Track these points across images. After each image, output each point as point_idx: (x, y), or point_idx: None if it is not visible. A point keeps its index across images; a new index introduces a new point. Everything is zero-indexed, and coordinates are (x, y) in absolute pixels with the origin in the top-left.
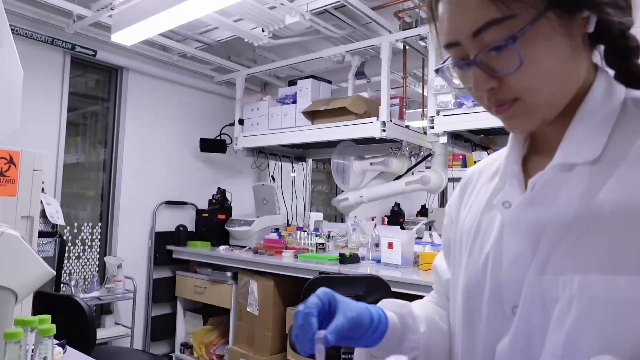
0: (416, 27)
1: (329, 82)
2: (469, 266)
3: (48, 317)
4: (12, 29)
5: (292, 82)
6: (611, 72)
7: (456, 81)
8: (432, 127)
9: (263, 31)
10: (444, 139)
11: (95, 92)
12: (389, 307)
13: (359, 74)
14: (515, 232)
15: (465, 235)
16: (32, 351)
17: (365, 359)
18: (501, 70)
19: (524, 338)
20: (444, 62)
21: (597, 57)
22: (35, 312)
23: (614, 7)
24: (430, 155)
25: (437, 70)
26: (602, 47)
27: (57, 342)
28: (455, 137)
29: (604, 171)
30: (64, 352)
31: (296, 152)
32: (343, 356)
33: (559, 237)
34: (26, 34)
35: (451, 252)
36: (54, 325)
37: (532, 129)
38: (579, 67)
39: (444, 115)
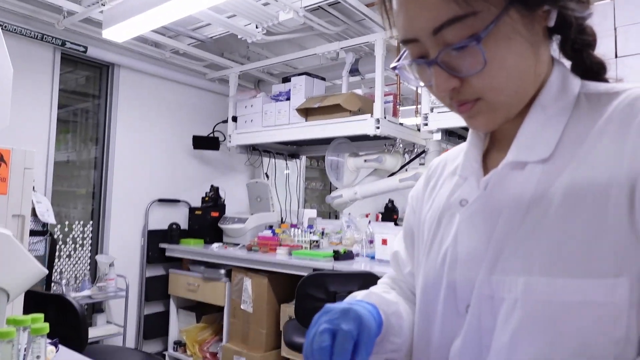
0: (390, 29)
1: (323, 79)
2: (427, 264)
3: (41, 316)
4: (1, 25)
5: (286, 79)
6: (567, 63)
7: (416, 80)
8: (426, 124)
9: (257, 28)
10: (437, 136)
11: (86, 88)
12: (374, 301)
13: (353, 71)
14: (470, 230)
15: (426, 232)
16: (25, 350)
17: None
18: (464, 70)
19: (475, 338)
20: (400, 59)
21: (553, 47)
22: (26, 311)
23: (575, 1)
24: (424, 152)
25: (394, 68)
26: (558, 38)
27: (50, 341)
28: (449, 133)
29: (555, 169)
30: (56, 351)
31: (290, 149)
32: None
33: (508, 236)
34: (15, 30)
35: (414, 247)
36: (47, 324)
37: (495, 127)
38: (540, 63)
39: (438, 112)
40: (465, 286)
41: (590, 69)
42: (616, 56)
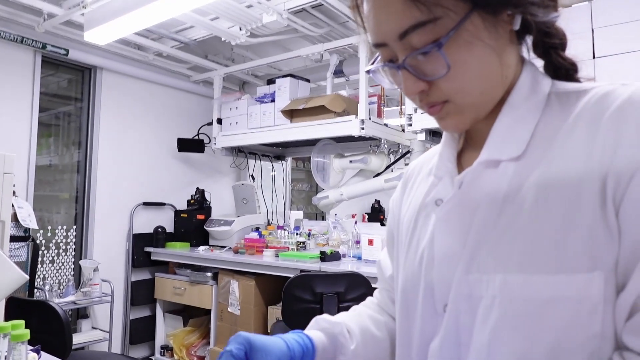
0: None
1: (308, 80)
2: (406, 265)
3: (21, 322)
4: None
5: (271, 81)
6: (538, 63)
7: (390, 82)
8: (410, 125)
9: (240, 30)
10: (421, 136)
11: (67, 92)
12: (321, 326)
13: (338, 73)
14: (446, 230)
15: (404, 233)
16: (5, 358)
17: None
18: (429, 74)
19: (453, 337)
20: (373, 62)
21: (524, 47)
22: (8, 318)
23: (539, 6)
24: (408, 152)
25: (368, 72)
26: (529, 39)
27: (32, 347)
28: (433, 134)
29: (527, 167)
30: (39, 358)
31: (276, 151)
32: None
33: (484, 234)
34: None
35: (394, 249)
36: (27, 331)
37: (465, 128)
38: (507, 65)
39: (422, 113)
40: (442, 286)
41: (561, 68)
42: (594, 57)
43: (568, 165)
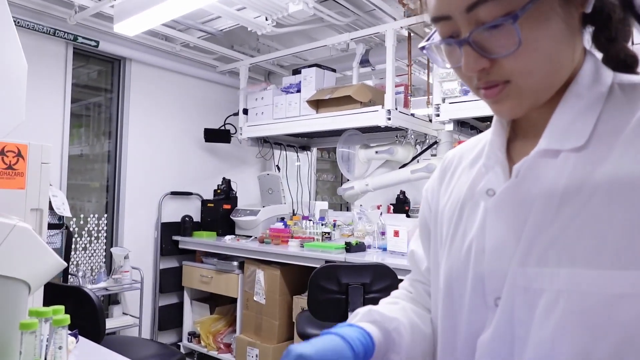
0: (421, 13)
1: (334, 70)
2: (450, 256)
3: (61, 307)
4: (14, 21)
5: (296, 71)
6: (598, 55)
7: (443, 61)
8: (438, 115)
9: (266, 20)
10: (449, 127)
11: (98, 83)
12: (374, 319)
13: (364, 62)
14: (499, 221)
15: (446, 224)
16: (47, 341)
17: None
18: (496, 51)
19: (506, 331)
20: (430, 38)
21: (585, 39)
22: (45, 303)
23: None
24: (435, 143)
25: (422, 48)
26: (591, 29)
27: (70, 332)
28: (461, 124)
29: (593, 159)
30: (76, 342)
31: (301, 142)
32: None
33: (543, 227)
34: (28, 25)
35: (431, 241)
36: (67, 316)
37: (521, 114)
38: (574, 50)
39: (450, 103)
40: (494, 278)
41: (624, 61)
42: None
43: None
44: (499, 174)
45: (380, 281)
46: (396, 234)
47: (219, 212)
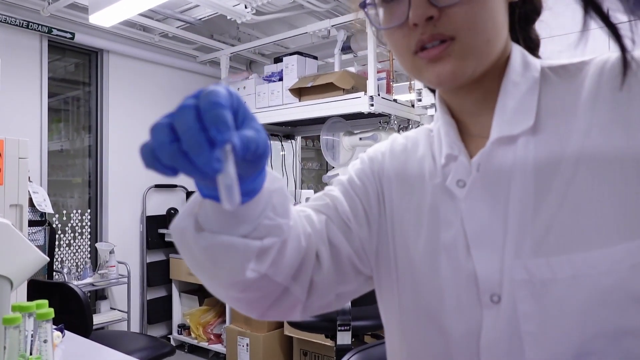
0: None
1: (315, 57)
2: (422, 256)
3: (45, 302)
4: None
5: (278, 59)
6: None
7: (383, 20)
8: (420, 100)
9: (246, 7)
10: (432, 112)
11: (75, 76)
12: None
13: (345, 49)
14: (477, 213)
15: (413, 220)
16: (32, 336)
17: (190, 230)
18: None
19: (511, 328)
20: None
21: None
22: (30, 300)
23: None
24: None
25: (362, 6)
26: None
27: (55, 327)
28: None
29: (552, 137)
30: (62, 337)
31: (285, 130)
32: (339, 328)
33: (526, 215)
34: (0, 18)
35: (360, 205)
36: (51, 309)
37: (461, 79)
38: (506, 26)
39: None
40: (488, 273)
41: (534, 42)
42: None
43: (613, 135)
44: (465, 163)
45: None
46: None
47: None
